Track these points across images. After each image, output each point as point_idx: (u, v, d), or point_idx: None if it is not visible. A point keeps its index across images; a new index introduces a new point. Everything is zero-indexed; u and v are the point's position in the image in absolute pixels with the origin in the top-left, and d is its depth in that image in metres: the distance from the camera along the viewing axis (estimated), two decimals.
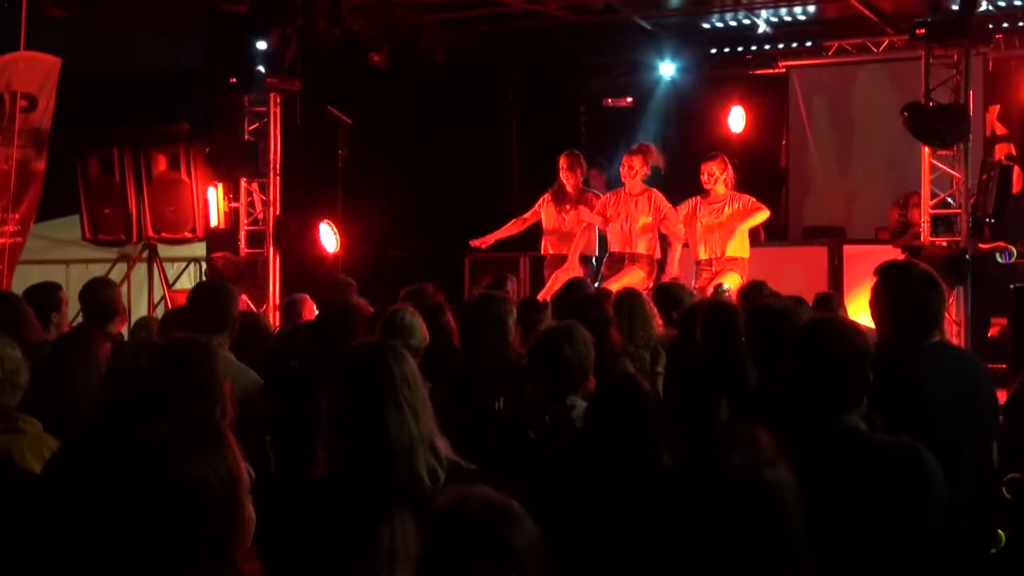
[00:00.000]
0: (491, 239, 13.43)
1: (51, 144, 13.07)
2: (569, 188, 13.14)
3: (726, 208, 12.63)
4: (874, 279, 5.35)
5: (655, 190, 12.82)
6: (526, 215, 13.41)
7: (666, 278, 12.23)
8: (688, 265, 12.66)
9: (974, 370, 5.36)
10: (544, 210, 13.25)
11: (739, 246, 12.56)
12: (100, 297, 8.16)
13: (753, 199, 12.74)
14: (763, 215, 12.70)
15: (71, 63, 13.04)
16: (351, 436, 4.16)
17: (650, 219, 12.65)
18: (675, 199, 12.91)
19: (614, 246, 12.83)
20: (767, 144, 17.49)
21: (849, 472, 4.00)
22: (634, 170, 12.75)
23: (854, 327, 4.37)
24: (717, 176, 12.67)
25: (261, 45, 13.57)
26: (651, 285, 11.71)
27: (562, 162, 13.17)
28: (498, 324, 7.00)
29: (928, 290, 5.22)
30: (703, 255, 12.61)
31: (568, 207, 13.13)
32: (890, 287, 5.27)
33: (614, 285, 11.27)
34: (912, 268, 5.44)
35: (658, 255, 12.76)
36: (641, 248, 12.65)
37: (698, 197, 12.83)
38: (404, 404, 4.17)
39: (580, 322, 6.02)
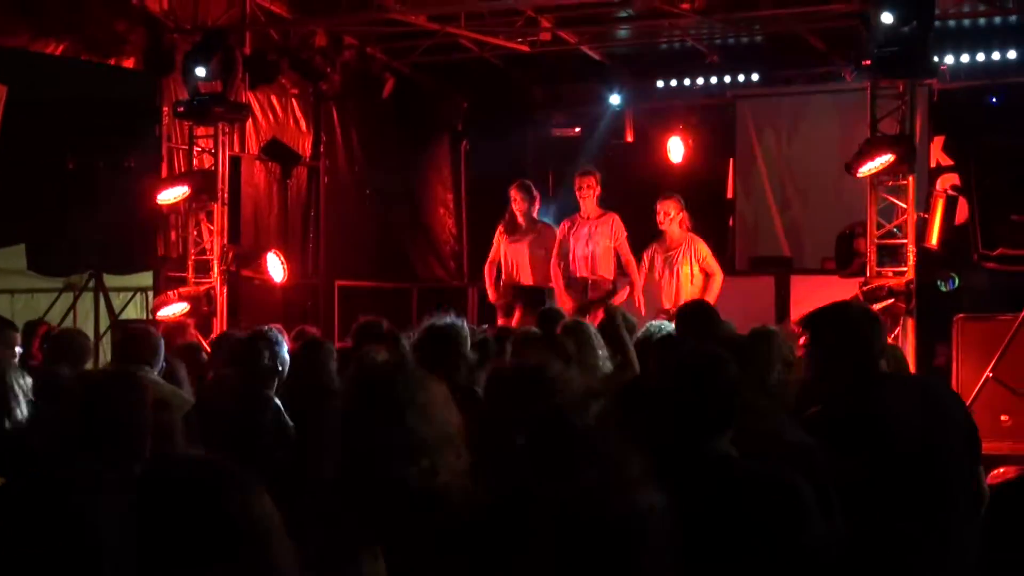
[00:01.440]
0: (492, 295, 13.33)
1: None
2: (520, 219, 13.16)
3: (680, 256, 12.59)
4: (809, 327, 5.45)
5: (615, 214, 12.85)
6: (492, 257, 13.36)
7: (635, 294, 12.31)
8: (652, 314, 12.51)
9: (937, 395, 5.40)
10: (499, 242, 13.28)
11: (693, 293, 12.51)
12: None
13: (707, 252, 12.67)
14: (718, 281, 12.64)
15: (18, 91, 12.96)
16: (363, 439, 4.07)
17: (610, 243, 12.68)
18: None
19: (576, 270, 12.82)
20: (715, 174, 17.57)
21: (720, 500, 4.01)
22: (592, 190, 12.77)
23: (721, 354, 4.41)
24: (672, 216, 12.63)
25: (200, 72, 13.52)
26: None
27: (513, 193, 13.18)
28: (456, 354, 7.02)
29: (869, 323, 5.34)
30: (665, 304, 12.48)
31: (520, 237, 13.15)
32: (830, 328, 5.36)
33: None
34: (847, 307, 5.58)
35: (613, 276, 12.78)
36: (603, 271, 12.66)
37: (655, 245, 12.79)
38: (421, 408, 4.10)
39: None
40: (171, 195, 13.72)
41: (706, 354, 4.43)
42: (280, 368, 7.20)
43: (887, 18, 11.39)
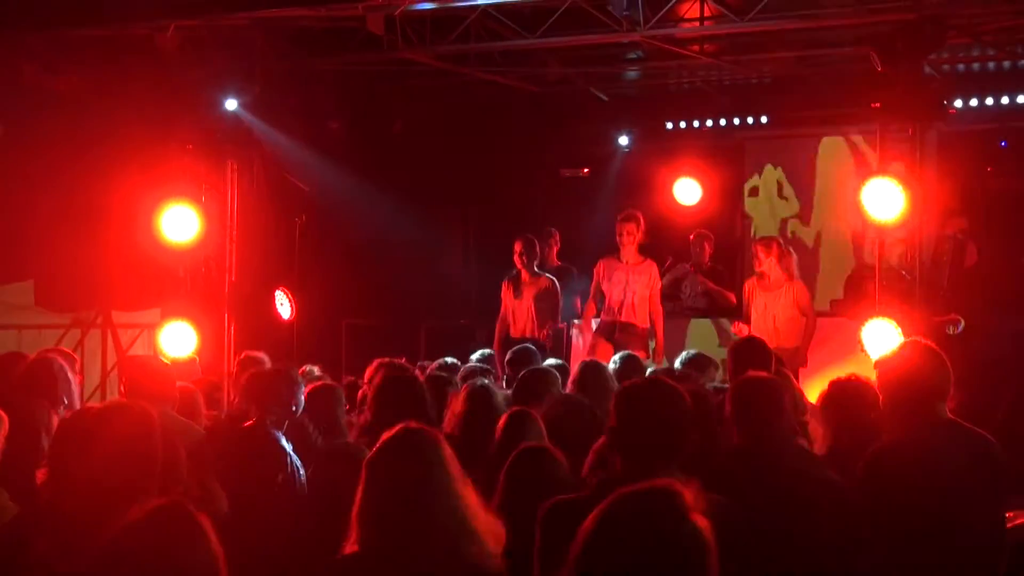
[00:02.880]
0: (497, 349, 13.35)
1: (4, 208, 12.98)
2: (523, 273, 13.20)
3: (781, 298, 12.66)
4: (891, 357, 5.55)
5: (653, 263, 12.93)
6: (501, 312, 13.44)
7: (658, 360, 12.36)
8: None
9: (987, 451, 5.34)
10: (505, 297, 13.34)
11: (789, 334, 12.60)
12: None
13: (807, 298, 12.84)
14: (810, 327, 12.74)
15: (25, 126, 12.99)
16: (390, 516, 4.11)
17: (645, 291, 12.73)
18: None
19: (607, 313, 12.87)
20: (723, 215, 17.55)
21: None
22: (632, 236, 12.81)
23: (673, 388, 4.53)
24: (761, 259, 12.79)
25: (210, 108, 13.59)
26: (646, 356, 11.83)
27: (516, 247, 13.24)
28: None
29: (930, 366, 5.37)
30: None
31: (522, 291, 13.20)
32: (889, 369, 5.38)
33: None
34: (910, 348, 5.56)
35: (647, 325, 12.84)
36: (637, 319, 12.72)
37: (755, 279, 12.89)
38: (449, 487, 4.16)
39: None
40: (180, 232, 13.70)
41: (661, 389, 4.54)
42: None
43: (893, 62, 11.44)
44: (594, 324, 13.41)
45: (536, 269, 13.31)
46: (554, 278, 13.38)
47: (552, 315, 13.19)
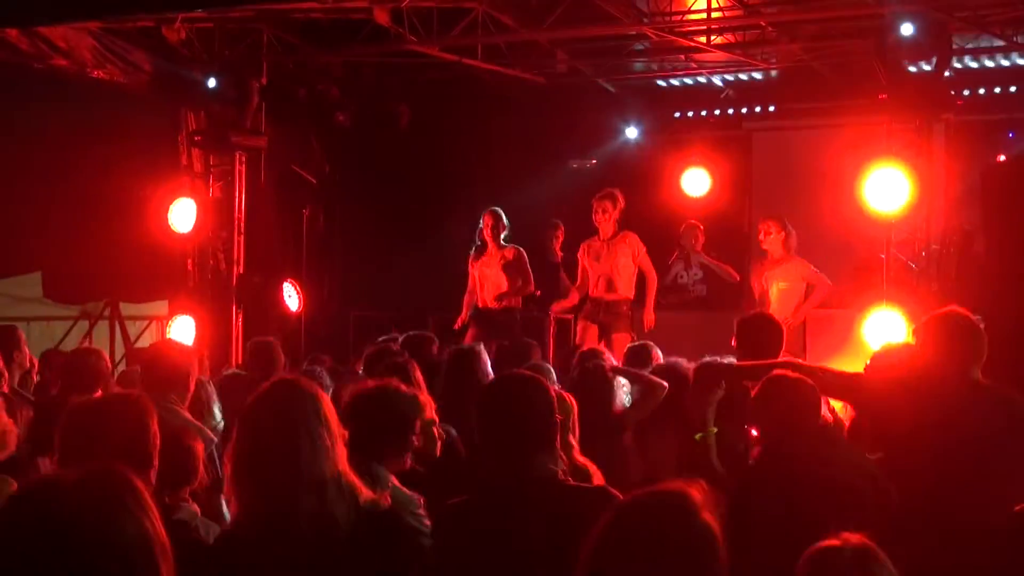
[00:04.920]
0: (463, 320, 13.42)
1: (12, 200, 13.01)
2: (490, 244, 13.27)
3: (788, 274, 13.00)
4: (926, 322, 5.88)
5: (631, 232, 12.99)
6: (469, 286, 13.51)
7: (647, 321, 12.46)
8: None
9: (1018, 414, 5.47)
10: (472, 269, 13.42)
11: (792, 308, 12.76)
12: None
13: (809, 271, 13.09)
14: (821, 291, 13.01)
15: (35, 118, 13.01)
16: (265, 472, 4.13)
17: (629, 260, 12.81)
18: None
19: (594, 290, 12.95)
20: (732, 206, 17.51)
21: (546, 513, 4.24)
22: (608, 214, 12.90)
23: (535, 380, 4.59)
24: (773, 235, 13.07)
25: (218, 101, 13.64)
26: (632, 337, 11.90)
27: (486, 220, 13.31)
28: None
29: (966, 333, 5.76)
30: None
31: (489, 261, 13.28)
32: (927, 333, 5.77)
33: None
34: (948, 315, 5.76)
35: (631, 297, 12.92)
36: (620, 293, 12.79)
37: (756, 266, 13.32)
38: (319, 440, 4.15)
39: None
40: (187, 224, 13.74)
41: (522, 382, 4.61)
42: None
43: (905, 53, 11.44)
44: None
45: (503, 242, 13.37)
46: (520, 248, 13.41)
47: (525, 283, 13.26)
